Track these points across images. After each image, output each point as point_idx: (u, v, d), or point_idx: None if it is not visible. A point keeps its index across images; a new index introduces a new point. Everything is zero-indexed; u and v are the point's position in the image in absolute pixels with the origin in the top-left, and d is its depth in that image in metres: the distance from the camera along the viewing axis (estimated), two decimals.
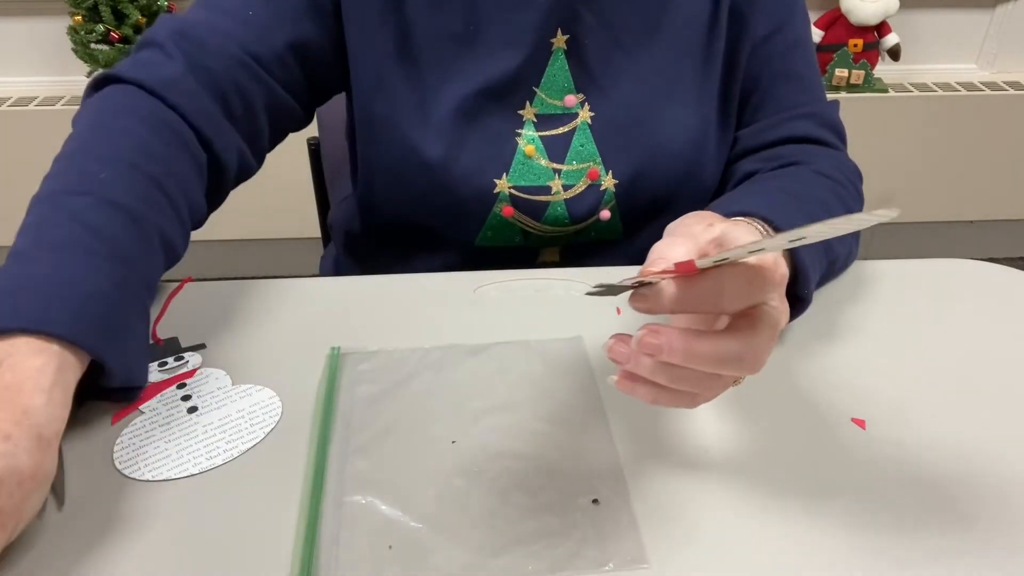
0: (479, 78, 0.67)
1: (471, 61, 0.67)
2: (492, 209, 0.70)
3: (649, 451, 0.49)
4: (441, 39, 0.67)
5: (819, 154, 0.69)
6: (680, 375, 0.39)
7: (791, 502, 0.46)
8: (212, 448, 0.50)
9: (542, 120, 0.69)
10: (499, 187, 0.69)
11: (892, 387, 0.55)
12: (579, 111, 0.70)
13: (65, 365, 0.43)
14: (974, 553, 0.43)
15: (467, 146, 0.68)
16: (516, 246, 0.74)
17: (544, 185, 0.70)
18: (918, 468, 0.48)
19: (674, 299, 0.38)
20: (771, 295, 0.40)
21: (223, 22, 0.61)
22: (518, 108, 0.69)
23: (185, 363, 0.57)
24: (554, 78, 0.69)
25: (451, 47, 0.67)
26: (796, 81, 0.72)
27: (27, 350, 0.42)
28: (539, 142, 0.69)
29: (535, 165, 0.69)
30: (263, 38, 0.62)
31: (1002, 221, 2.04)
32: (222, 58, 0.60)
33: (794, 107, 0.71)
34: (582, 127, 0.70)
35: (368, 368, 0.56)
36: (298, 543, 0.43)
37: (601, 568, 0.42)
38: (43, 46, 1.75)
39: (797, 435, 0.51)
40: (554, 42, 0.67)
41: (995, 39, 1.92)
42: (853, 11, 1.78)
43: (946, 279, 0.68)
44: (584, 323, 0.61)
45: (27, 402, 0.41)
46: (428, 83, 0.67)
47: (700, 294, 0.38)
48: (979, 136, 1.89)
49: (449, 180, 0.68)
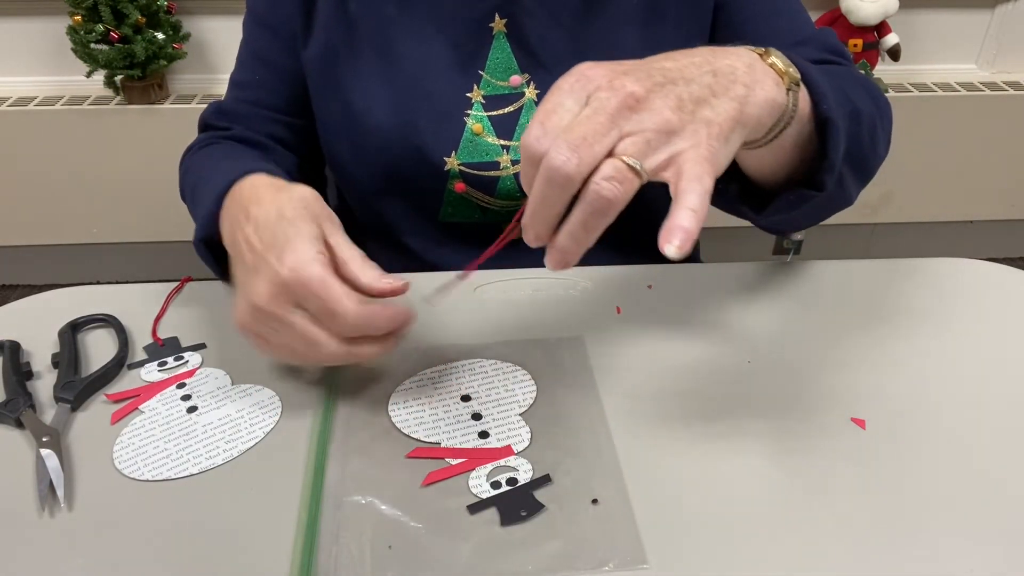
0: (426, 65, 0.70)
1: (415, 47, 0.71)
2: (447, 186, 0.72)
3: (649, 451, 0.49)
4: (382, 27, 0.70)
5: (838, 68, 0.66)
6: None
7: (791, 502, 0.46)
8: (212, 448, 0.50)
9: (490, 100, 0.71)
10: (449, 165, 0.71)
11: (892, 387, 0.55)
12: (525, 90, 0.71)
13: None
14: (974, 552, 0.43)
15: (417, 128, 0.70)
16: (478, 222, 0.75)
17: (492, 161, 0.72)
18: (918, 468, 0.48)
19: (533, 218, 0.41)
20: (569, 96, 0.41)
21: (242, 94, 0.77)
22: (466, 91, 0.71)
23: (185, 363, 0.57)
24: (498, 61, 0.71)
25: (392, 34, 0.70)
26: (785, 16, 0.70)
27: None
28: (487, 121, 0.71)
29: (483, 142, 0.71)
30: (272, 90, 0.75)
31: (1002, 221, 2.04)
32: (252, 118, 0.75)
33: (787, 38, 0.69)
34: (528, 104, 0.72)
35: (368, 368, 0.56)
36: (298, 543, 0.43)
37: (601, 568, 0.42)
38: (43, 46, 1.75)
39: (797, 435, 0.51)
40: (493, 26, 0.70)
41: (995, 39, 1.91)
42: (853, 11, 1.78)
43: (946, 279, 0.68)
44: (584, 323, 0.61)
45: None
46: (374, 71, 0.71)
47: (540, 202, 0.41)
48: (979, 136, 1.88)
49: (402, 161, 0.72)
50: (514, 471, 0.48)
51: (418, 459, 0.49)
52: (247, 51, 0.76)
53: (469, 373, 0.56)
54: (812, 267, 0.69)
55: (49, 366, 0.57)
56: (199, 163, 0.70)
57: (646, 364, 0.57)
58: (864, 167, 0.60)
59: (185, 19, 1.71)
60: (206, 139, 0.75)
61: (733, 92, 0.43)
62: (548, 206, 0.41)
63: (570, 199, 0.40)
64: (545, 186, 0.40)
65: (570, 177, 0.39)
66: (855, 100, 0.56)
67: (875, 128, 0.59)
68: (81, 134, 1.72)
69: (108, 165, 1.75)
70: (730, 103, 0.42)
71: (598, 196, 0.39)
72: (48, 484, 0.47)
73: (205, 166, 0.68)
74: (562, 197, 0.40)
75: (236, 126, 0.75)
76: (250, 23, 0.75)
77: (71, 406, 0.53)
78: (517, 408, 0.52)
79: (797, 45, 0.68)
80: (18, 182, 1.77)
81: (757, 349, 0.58)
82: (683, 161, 0.40)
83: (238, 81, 0.78)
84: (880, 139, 0.61)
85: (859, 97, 0.57)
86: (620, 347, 0.58)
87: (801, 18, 0.72)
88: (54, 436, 0.50)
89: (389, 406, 0.53)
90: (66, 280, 1.96)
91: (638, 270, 0.68)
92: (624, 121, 0.40)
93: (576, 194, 0.40)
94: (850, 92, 0.56)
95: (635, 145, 0.40)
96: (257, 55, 0.75)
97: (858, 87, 0.59)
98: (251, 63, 0.76)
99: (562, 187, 0.39)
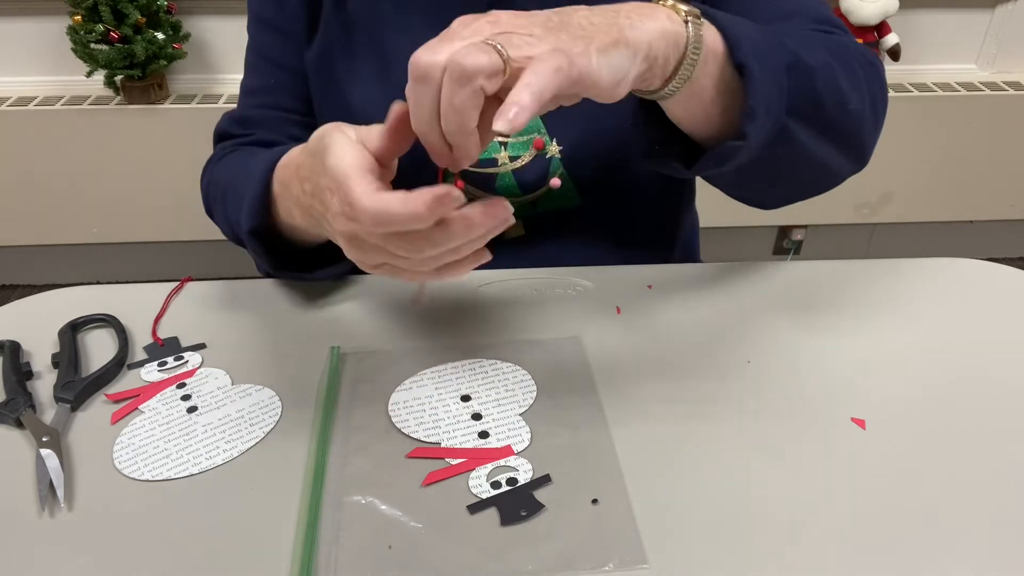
0: None
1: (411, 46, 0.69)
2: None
3: (649, 451, 0.49)
4: (378, 26, 0.70)
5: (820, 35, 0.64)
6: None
7: (791, 502, 0.46)
8: (212, 448, 0.50)
9: None
10: None
11: (892, 387, 0.55)
12: None
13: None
14: (975, 552, 0.43)
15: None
16: None
17: (491, 158, 0.71)
18: (918, 468, 0.48)
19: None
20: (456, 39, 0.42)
21: (257, 99, 0.76)
22: None
23: (185, 363, 0.57)
24: None
25: (388, 34, 0.70)
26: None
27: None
28: None
29: None
30: (289, 92, 0.74)
31: (1002, 221, 2.04)
32: (271, 122, 0.75)
33: (771, 11, 0.67)
34: None
35: (368, 368, 0.56)
36: (298, 543, 0.43)
37: (601, 568, 0.42)
38: (43, 46, 1.75)
39: (797, 435, 0.51)
40: None
41: (995, 39, 1.91)
42: (853, 11, 1.78)
43: (946, 279, 0.68)
44: (584, 323, 0.61)
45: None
46: (370, 71, 0.70)
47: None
48: (979, 136, 1.88)
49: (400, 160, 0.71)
50: (514, 471, 0.48)
51: (418, 459, 0.49)
52: (256, 57, 0.76)
53: (469, 373, 0.56)
54: (812, 267, 0.69)
55: (49, 366, 0.57)
56: (225, 171, 0.70)
57: (646, 364, 0.57)
58: (831, 125, 0.57)
59: (185, 19, 1.71)
60: (224, 150, 0.75)
61: (614, 22, 0.44)
62: (419, 105, 0.42)
63: (435, 96, 0.41)
64: (413, 84, 0.41)
65: (430, 62, 0.41)
66: (802, 54, 0.54)
67: (836, 84, 0.56)
68: (81, 134, 1.72)
69: (108, 165, 1.75)
70: (607, 29, 0.43)
71: (454, 62, 0.40)
72: (48, 484, 0.47)
73: (234, 170, 0.68)
74: (428, 92, 0.41)
75: (256, 132, 0.74)
76: (257, 28, 0.75)
77: (71, 406, 0.53)
78: (517, 408, 0.52)
79: (782, 18, 0.66)
80: (18, 182, 1.77)
81: (757, 349, 0.58)
82: (540, 56, 0.41)
83: (251, 88, 0.77)
84: (850, 96, 0.57)
85: (812, 53, 0.55)
86: (620, 347, 0.58)
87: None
88: (54, 436, 0.50)
89: (389, 406, 0.53)
90: (66, 280, 1.96)
91: (638, 270, 0.68)
92: (491, 32, 0.42)
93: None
94: (800, 48, 0.54)
95: (498, 37, 0.41)
96: (268, 59, 0.75)
97: (818, 47, 0.57)
98: (263, 67, 0.76)
99: (424, 76, 0.41)
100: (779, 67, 0.52)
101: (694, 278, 0.67)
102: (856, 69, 0.59)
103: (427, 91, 0.41)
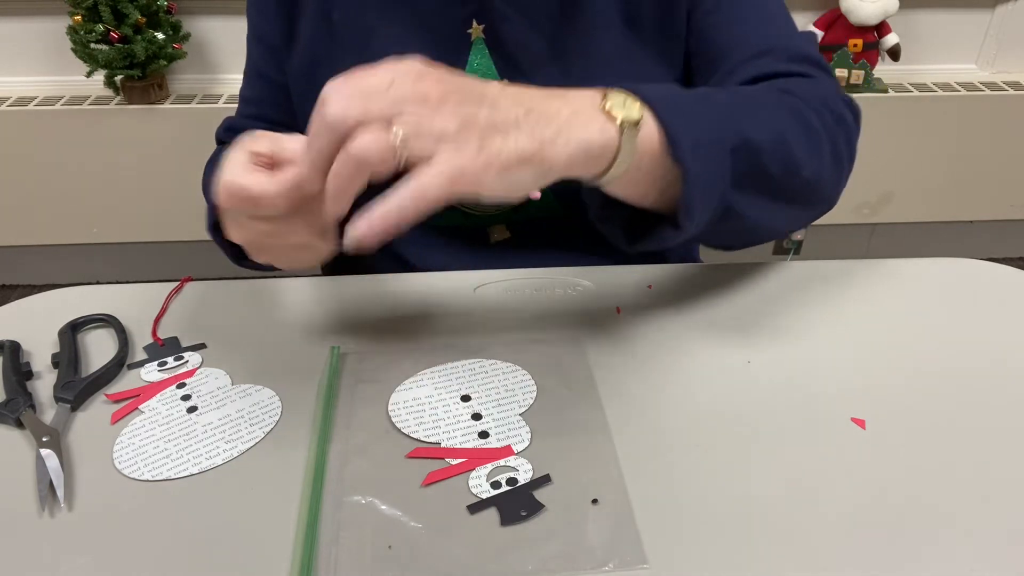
0: None
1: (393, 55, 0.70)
2: None
3: (649, 451, 0.49)
4: (363, 35, 0.70)
5: (790, 82, 0.62)
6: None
7: (791, 502, 0.46)
8: (212, 448, 0.50)
9: None
10: None
11: (892, 387, 0.55)
12: None
13: None
14: (975, 552, 0.43)
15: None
16: (462, 225, 0.75)
17: None
18: (918, 468, 0.48)
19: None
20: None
21: (247, 109, 0.79)
22: None
23: (185, 363, 0.57)
24: (477, 67, 0.70)
25: (373, 43, 0.70)
26: (750, 24, 0.68)
27: None
28: None
29: None
30: (272, 103, 0.77)
31: (1002, 221, 2.04)
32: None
33: (749, 48, 0.67)
34: None
35: (368, 368, 0.56)
36: (298, 543, 0.43)
37: (601, 568, 0.42)
38: (43, 46, 1.75)
39: (797, 435, 0.51)
40: (472, 32, 0.69)
41: (995, 39, 1.92)
42: (853, 11, 1.78)
43: (946, 279, 0.68)
44: (584, 323, 0.61)
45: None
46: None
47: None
48: (979, 136, 1.88)
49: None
50: (514, 471, 0.48)
51: (418, 459, 0.49)
52: (249, 66, 0.78)
53: (469, 373, 0.56)
54: (812, 267, 0.69)
55: (49, 366, 0.57)
56: (207, 173, 0.72)
57: (646, 364, 0.57)
58: (783, 193, 0.56)
59: (185, 19, 1.71)
60: (216, 153, 0.76)
61: (538, 132, 0.43)
62: (315, 145, 0.43)
63: (334, 146, 0.42)
64: (317, 122, 0.42)
65: (337, 119, 0.41)
66: (750, 133, 0.52)
67: (788, 154, 0.55)
68: (81, 134, 1.72)
69: (108, 165, 1.75)
70: (528, 140, 0.43)
71: (349, 150, 0.41)
72: (48, 484, 0.47)
73: (210, 172, 0.69)
74: (328, 138, 0.42)
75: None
76: (249, 38, 0.77)
77: (71, 406, 0.53)
78: (517, 408, 0.53)
79: (759, 56, 0.66)
80: (18, 182, 1.77)
81: (757, 349, 0.58)
82: (433, 163, 0.41)
83: (244, 96, 0.79)
84: (805, 163, 0.56)
85: (765, 125, 0.54)
86: (620, 347, 0.58)
87: (772, 26, 0.69)
88: (54, 436, 0.50)
89: (389, 406, 0.53)
90: (66, 280, 1.96)
91: (638, 270, 0.68)
92: (409, 106, 0.42)
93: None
94: (752, 121, 0.53)
95: (407, 125, 0.41)
96: (256, 70, 0.77)
97: (775, 112, 0.56)
98: (252, 78, 0.78)
99: (330, 129, 0.42)
100: (723, 153, 0.51)
101: (694, 278, 0.67)
102: (816, 128, 0.58)
103: (327, 137, 0.43)
